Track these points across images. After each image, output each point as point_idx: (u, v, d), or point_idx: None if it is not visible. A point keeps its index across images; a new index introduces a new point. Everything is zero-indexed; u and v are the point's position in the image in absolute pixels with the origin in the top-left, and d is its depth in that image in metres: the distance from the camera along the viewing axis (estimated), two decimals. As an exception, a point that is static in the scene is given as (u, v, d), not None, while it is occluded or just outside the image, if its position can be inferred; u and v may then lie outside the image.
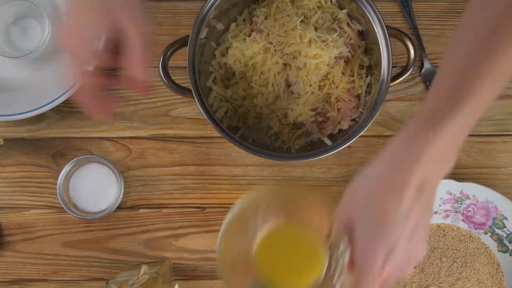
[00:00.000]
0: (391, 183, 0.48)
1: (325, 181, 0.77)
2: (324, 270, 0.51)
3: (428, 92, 0.64)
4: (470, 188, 0.73)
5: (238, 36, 0.72)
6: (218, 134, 0.72)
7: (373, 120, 0.68)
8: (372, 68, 0.72)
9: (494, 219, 0.74)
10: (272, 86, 0.71)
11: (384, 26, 0.68)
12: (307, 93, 0.71)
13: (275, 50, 0.71)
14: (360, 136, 0.68)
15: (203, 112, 0.68)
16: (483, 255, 0.75)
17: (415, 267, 0.75)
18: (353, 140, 0.68)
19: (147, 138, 0.77)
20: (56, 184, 0.73)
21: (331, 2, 0.73)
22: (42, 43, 0.74)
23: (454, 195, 0.73)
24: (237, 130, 0.74)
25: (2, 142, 0.77)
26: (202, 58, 0.71)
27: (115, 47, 0.55)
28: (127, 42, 0.54)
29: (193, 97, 0.68)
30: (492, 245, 0.75)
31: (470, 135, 0.77)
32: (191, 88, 0.68)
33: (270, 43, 0.70)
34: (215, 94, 0.72)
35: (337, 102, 0.72)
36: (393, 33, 0.70)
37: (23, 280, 0.76)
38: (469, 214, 0.74)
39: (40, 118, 0.77)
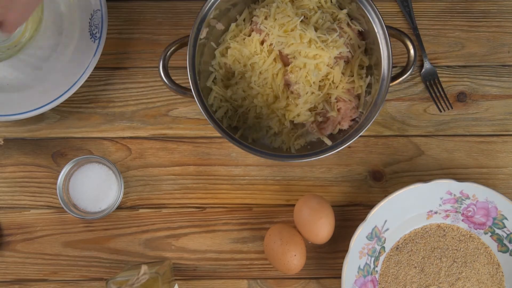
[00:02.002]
0: None
1: (325, 181, 0.77)
2: None
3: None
4: (470, 188, 0.73)
5: (238, 36, 0.72)
6: (218, 134, 0.72)
7: (373, 120, 0.68)
8: (372, 68, 0.72)
9: (494, 219, 0.74)
10: (271, 86, 0.71)
11: (384, 26, 0.68)
12: (307, 93, 0.71)
13: (273, 49, 0.71)
14: (360, 136, 0.68)
15: (203, 112, 0.68)
16: (483, 255, 0.75)
17: (415, 267, 0.75)
18: (353, 140, 0.68)
19: (147, 138, 0.77)
20: (56, 184, 0.73)
21: (331, 2, 0.73)
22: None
23: (454, 195, 0.73)
24: (237, 130, 0.74)
25: (2, 142, 0.77)
26: (202, 58, 0.71)
27: None
28: None
29: (193, 97, 0.68)
30: (492, 245, 0.75)
31: (470, 135, 0.78)
32: (191, 88, 0.68)
33: (270, 44, 0.70)
34: (215, 94, 0.72)
35: (337, 102, 0.72)
36: (393, 33, 0.70)
37: (23, 280, 0.76)
38: (469, 214, 0.74)
39: (40, 118, 0.77)
